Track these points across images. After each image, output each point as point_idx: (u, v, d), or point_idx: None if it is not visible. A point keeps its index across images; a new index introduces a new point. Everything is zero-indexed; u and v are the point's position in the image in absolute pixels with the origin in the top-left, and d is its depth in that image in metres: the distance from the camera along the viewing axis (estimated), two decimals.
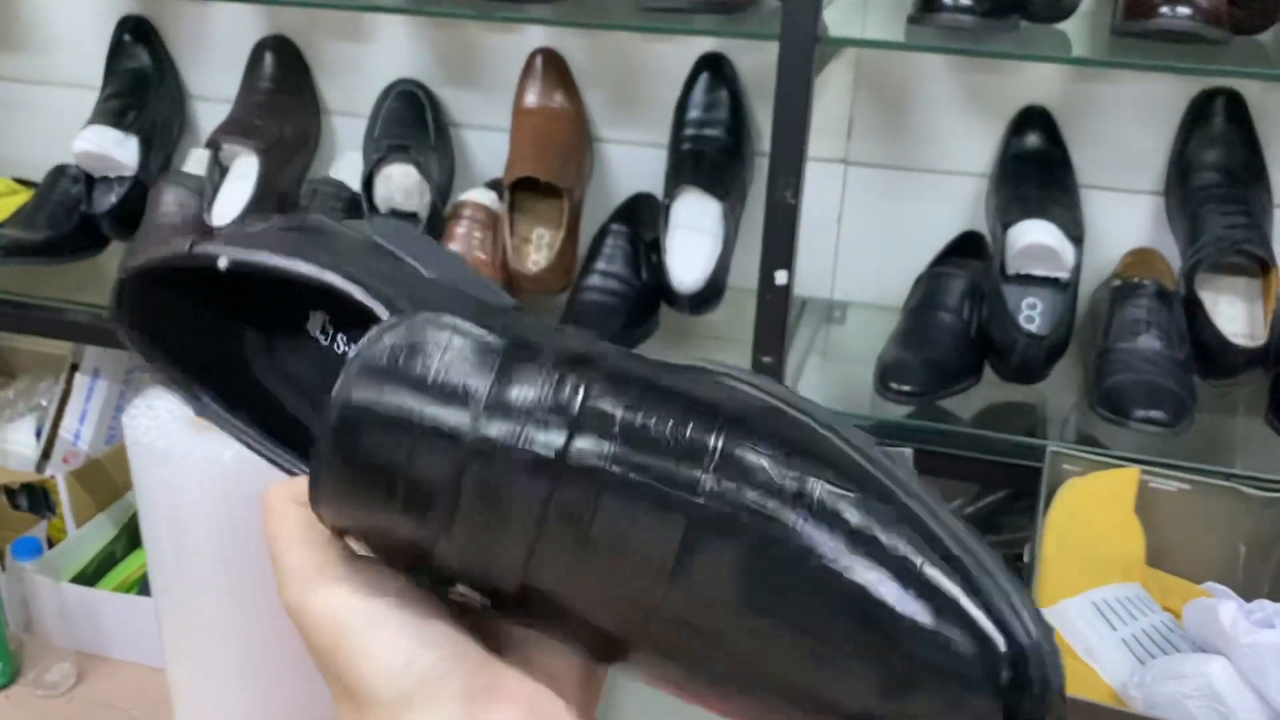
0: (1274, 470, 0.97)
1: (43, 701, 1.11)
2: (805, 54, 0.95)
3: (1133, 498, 0.90)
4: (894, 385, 1.06)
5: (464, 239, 1.20)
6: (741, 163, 1.18)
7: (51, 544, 1.24)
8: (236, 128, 1.25)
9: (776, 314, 1.04)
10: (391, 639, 0.30)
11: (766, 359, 1.06)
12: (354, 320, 0.40)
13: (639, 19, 1.06)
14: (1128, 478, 0.91)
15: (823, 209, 1.23)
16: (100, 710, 1.11)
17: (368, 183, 1.20)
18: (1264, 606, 0.74)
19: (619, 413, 0.31)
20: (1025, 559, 0.95)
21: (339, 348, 0.41)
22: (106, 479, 1.33)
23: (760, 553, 0.29)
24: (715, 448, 0.30)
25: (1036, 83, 1.15)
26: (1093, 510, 0.89)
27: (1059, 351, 1.06)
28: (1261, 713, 0.69)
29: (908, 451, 0.93)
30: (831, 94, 1.19)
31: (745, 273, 1.13)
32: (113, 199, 1.27)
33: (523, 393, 0.31)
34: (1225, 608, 0.73)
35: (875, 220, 1.24)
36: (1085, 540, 0.87)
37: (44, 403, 1.48)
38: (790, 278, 1.02)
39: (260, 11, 1.32)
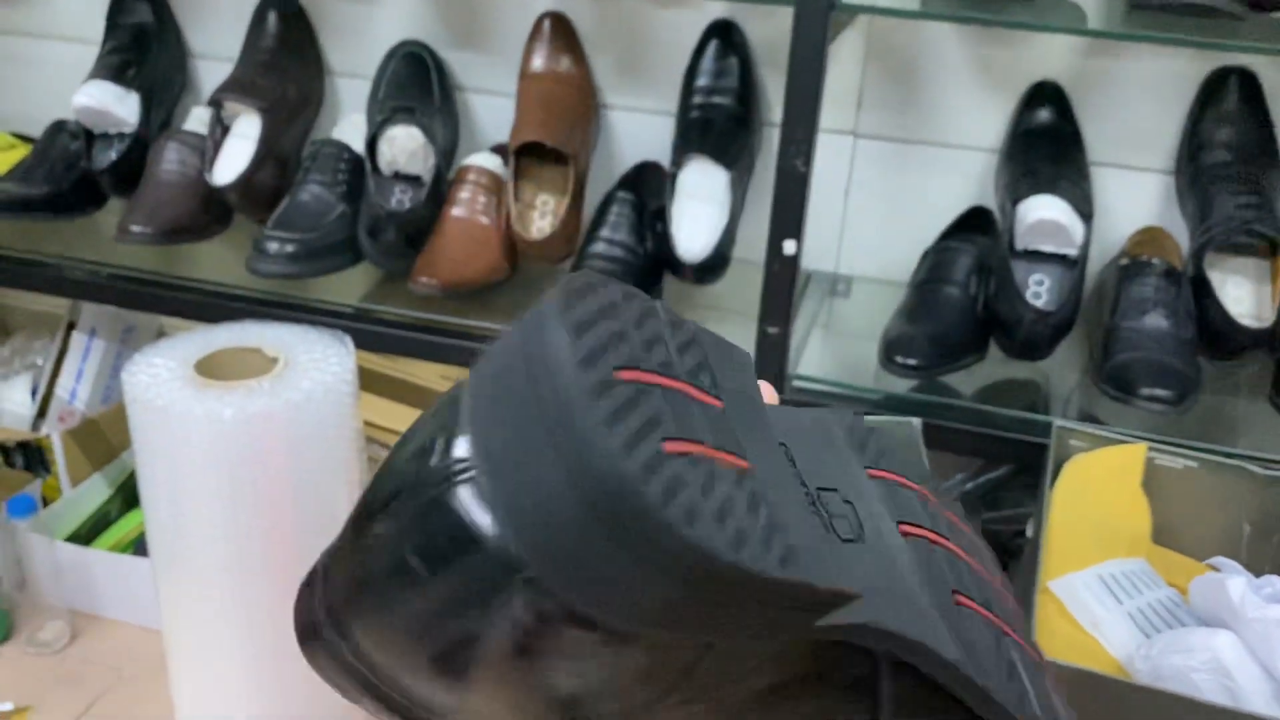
0: (1277, 450, 0.96)
1: (36, 660, 1.11)
2: (820, 20, 0.94)
3: (1140, 473, 0.90)
4: (899, 359, 1.05)
5: (468, 204, 1.19)
6: (750, 132, 1.17)
7: (46, 503, 1.23)
8: (238, 86, 1.24)
9: (784, 284, 1.03)
10: None
11: (772, 330, 1.05)
12: None
13: None
14: (1135, 453, 0.91)
15: (830, 181, 1.22)
16: (93, 669, 1.10)
17: (371, 145, 1.19)
18: (1272, 582, 0.74)
19: None
20: (1029, 534, 0.95)
21: None
22: (102, 439, 1.32)
23: None
24: None
25: (1049, 58, 1.14)
26: (1100, 485, 0.89)
27: (1065, 328, 1.06)
28: (1268, 686, 0.69)
29: (916, 422, 0.92)
30: (842, 65, 1.18)
31: (751, 244, 1.12)
32: (113, 155, 1.26)
33: None
34: (1234, 582, 0.73)
35: (883, 193, 1.23)
36: (1092, 515, 0.87)
37: (40, 361, 1.47)
38: (799, 248, 1.02)
39: None
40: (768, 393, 0.34)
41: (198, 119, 1.29)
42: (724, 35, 1.18)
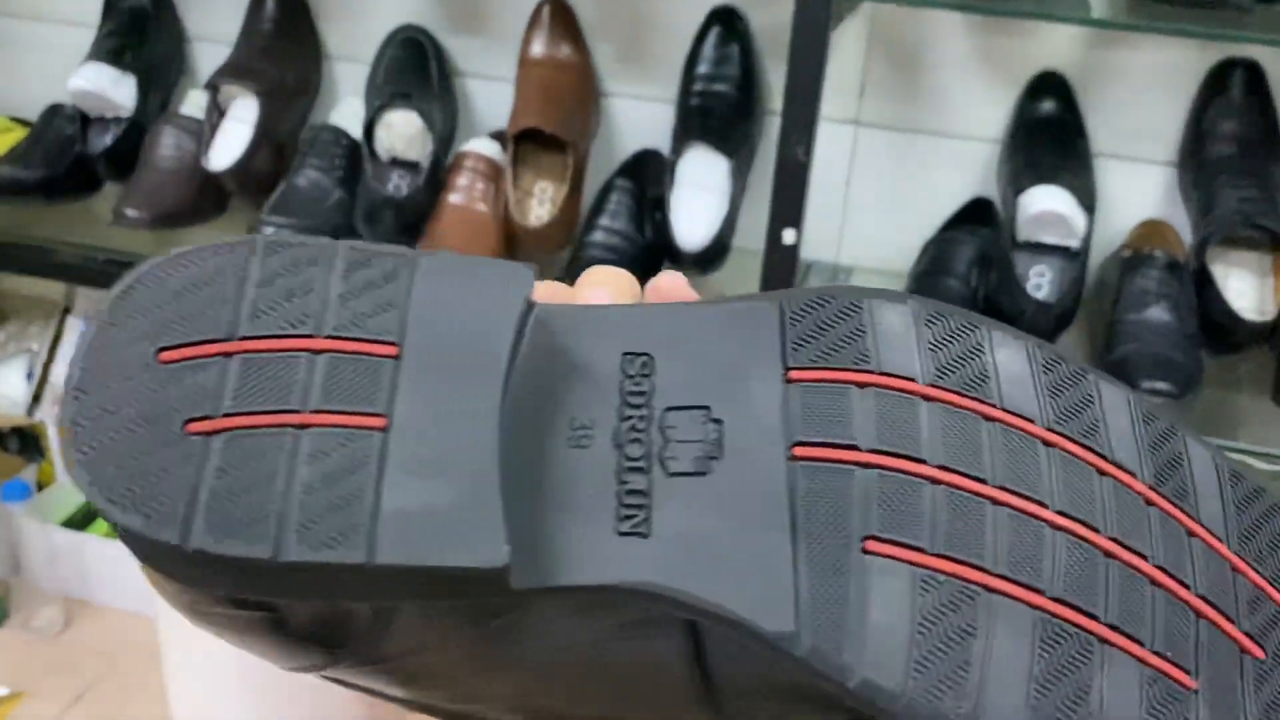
0: (1278, 444, 0.96)
1: (29, 645, 1.11)
2: (822, 7, 0.93)
3: None
4: None
5: (466, 191, 1.18)
6: (751, 120, 1.17)
7: (41, 488, 1.23)
8: (236, 70, 1.23)
9: (783, 274, 1.03)
10: None
11: None
12: None
13: None
14: None
15: (831, 170, 1.21)
16: (86, 655, 1.10)
17: (369, 130, 1.18)
18: None
19: None
20: None
21: None
22: None
23: None
24: None
25: (1053, 48, 1.13)
26: None
27: (1067, 321, 1.05)
28: None
29: None
30: (844, 53, 1.17)
31: (751, 233, 1.11)
32: (108, 139, 1.25)
33: None
34: None
35: (884, 183, 1.22)
36: None
37: (35, 346, 1.47)
38: (798, 237, 1.01)
39: None
40: (678, 285, 0.30)
41: (195, 103, 1.28)
42: (725, 22, 1.17)
